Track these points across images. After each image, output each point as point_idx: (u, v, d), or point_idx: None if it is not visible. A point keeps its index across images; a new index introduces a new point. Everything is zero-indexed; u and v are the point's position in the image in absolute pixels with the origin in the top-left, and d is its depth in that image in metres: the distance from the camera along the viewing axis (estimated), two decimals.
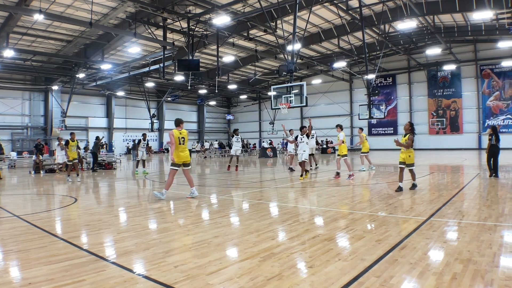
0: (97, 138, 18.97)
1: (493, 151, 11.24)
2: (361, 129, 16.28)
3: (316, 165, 16.07)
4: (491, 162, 11.25)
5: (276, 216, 6.42)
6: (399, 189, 8.61)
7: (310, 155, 15.16)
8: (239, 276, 3.41)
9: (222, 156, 35.12)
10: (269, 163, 22.43)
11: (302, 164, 11.87)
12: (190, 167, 8.40)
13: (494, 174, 11.20)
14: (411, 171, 8.82)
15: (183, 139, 8.12)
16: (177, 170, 8.20)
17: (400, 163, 8.86)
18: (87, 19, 18.61)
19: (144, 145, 16.34)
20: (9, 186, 12.31)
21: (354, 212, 6.41)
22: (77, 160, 13.67)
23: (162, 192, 8.11)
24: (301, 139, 11.97)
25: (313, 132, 14.18)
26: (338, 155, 12.33)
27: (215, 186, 11.39)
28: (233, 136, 16.50)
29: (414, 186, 8.92)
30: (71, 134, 13.82)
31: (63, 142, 15.38)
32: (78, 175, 13.55)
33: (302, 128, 12.48)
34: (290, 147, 15.71)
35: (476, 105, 35.68)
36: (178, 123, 8.34)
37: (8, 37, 21.72)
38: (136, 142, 17.70)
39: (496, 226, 5.13)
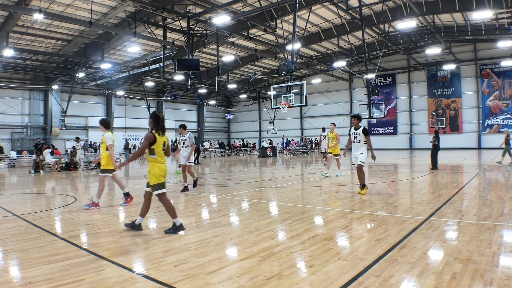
0: (196, 136, 19.03)
1: (436, 150, 14.33)
2: (334, 124, 13.21)
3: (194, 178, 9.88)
4: (434, 158, 14.32)
5: (276, 215, 6.42)
6: (175, 229, 5.10)
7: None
8: (238, 276, 3.41)
9: (222, 156, 35.12)
10: (268, 163, 22.43)
11: (360, 170, 8.42)
12: None
13: (435, 167, 14.17)
14: (164, 202, 5.17)
15: None
16: None
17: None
18: (87, 18, 18.61)
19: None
20: (9, 185, 12.31)
21: (354, 211, 6.41)
22: None
23: None
24: (356, 137, 8.54)
25: (187, 136, 9.66)
26: (101, 169, 7.69)
27: (215, 186, 11.38)
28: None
29: (176, 228, 5.10)
30: None
31: None
32: None
33: (355, 117, 8.74)
34: (184, 153, 9.71)
35: (475, 104, 35.69)
36: None
37: (8, 37, 21.68)
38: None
39: (496, 225, 5.13)
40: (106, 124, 7.60)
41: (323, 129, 15.57)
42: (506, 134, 16.95)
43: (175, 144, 16.53)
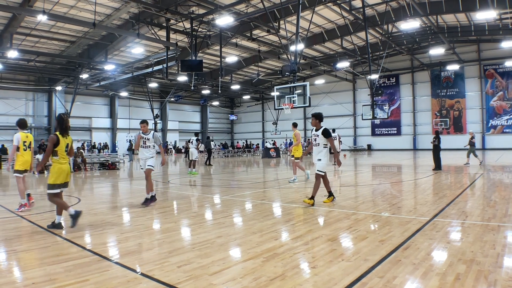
0: (209, 137, 21.52)
1: (437, 150, 14.46)
2: (295, 124, 12.15)
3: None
4: (436, 158, 14.36)
5: (279, 216, 6.41)
6: (54, 226, 5.40)
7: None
8: (242, 276, 3.42)
9: (225, 157, 35.16)
10: (272, 163, 22.43)
11: (317, 179, 7.26)
12: None
13: (438, 168, 14.20)
14: (56, 201, 5.43)
15: None
16: None
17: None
18: (91, 19, 18.71)
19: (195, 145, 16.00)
20: (13, 186, 12.36)
21: (358, 212, 6.40)
22: None
23: None
24: (316, 139, 7.24)
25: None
26: (14, 171, 7.30)
27: (218, 186, 11.39)
28: None
29: (55, 225, 5.39)
30: None
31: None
32: None
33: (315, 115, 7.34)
34: (145, 154, 7.99)
35: (479, 105, 35.54)
36: None
37: (12, 38, 21.84)
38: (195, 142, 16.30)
39: (500, 226, 5.10)
40: (20, 124, 7.27)
41: (333, 130, 15.43)
42: (471, 136, 16.91)
43: (188, 143, 16.82)
